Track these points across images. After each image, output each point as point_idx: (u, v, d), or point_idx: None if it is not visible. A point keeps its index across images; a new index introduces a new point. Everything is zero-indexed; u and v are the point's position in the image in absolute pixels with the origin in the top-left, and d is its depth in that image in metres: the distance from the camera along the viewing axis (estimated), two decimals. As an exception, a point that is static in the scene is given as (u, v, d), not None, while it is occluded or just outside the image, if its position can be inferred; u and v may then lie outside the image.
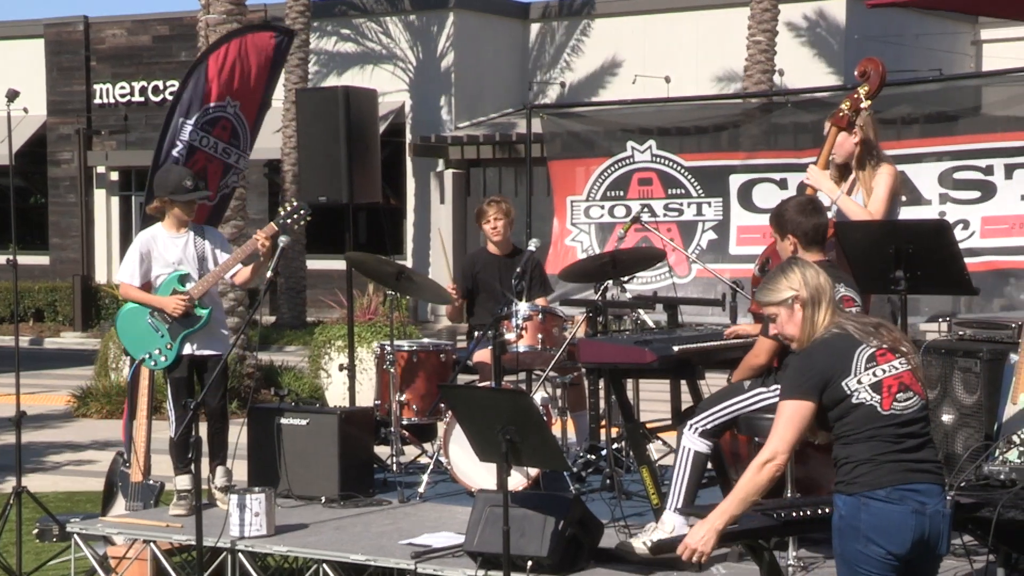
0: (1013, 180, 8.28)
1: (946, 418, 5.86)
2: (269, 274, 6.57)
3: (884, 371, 4.14)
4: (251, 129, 7.58)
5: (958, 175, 8.53)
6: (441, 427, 6.99)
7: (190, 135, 7.32)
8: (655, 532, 5.39)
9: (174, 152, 7.33)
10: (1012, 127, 8.44)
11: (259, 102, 7.60)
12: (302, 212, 6.74)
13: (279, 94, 20.98)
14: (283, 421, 6.79)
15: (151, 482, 6.89)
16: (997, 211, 8.34)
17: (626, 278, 7.28)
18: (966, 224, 8.39)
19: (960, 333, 6.10)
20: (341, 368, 8.33)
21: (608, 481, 6.60)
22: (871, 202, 6.13)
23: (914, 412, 4.13)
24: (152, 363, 6.65)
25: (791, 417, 4.12)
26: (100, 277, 24.47)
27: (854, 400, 4.10)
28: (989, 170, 8.36)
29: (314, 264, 20.93)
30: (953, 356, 5.88)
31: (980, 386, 5.74)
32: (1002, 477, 5.06)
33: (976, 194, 8.43)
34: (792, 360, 4.31)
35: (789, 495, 5.10)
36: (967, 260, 5.97)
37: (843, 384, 4.11)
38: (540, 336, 6.98)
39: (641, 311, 7.29)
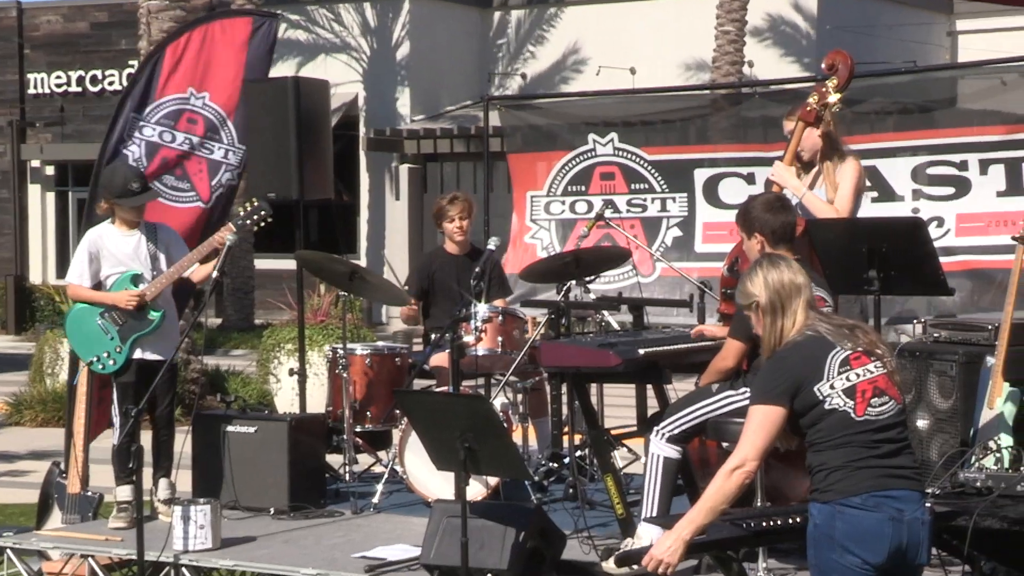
0: (988, 176, 8.33)
1: (921, 423, 5.90)
2: (215, 274, 6.54)
3: (858, 375, 4.16)
4: (232, 121, 7.53)
5: (932, 170, 8.59)
6: (396, 434, 6.98)
7: (149, 131, 7.27)
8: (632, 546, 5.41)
9: (125, 149, 7.28)
10: (988, 121, 8.49)
11: (236, 92, 7.55)
12: (263, 213, 6.72)
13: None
14: (229, 429, 6.76)
15: (89, 493, 6.83)
16: (972, 208, 8.41)
17: (590, 278, 7.29)
18: (940, 222, 8.45)
19: (935, 335, 6.15)
20: (291, 373, 8.29)
21: (571, 490, 6.60)
22: (837, 199, 6.17)
23: (889, 417, 4.15)
24: (100, 366, 6.63)
25: (761, 423, 4.14)
26: (35, 277, 24.24)
27: (827, 406, 4.12)
28: (963, 165, 8.42)
29: (262, 263, 20.82)
30: (928, 359, 5.92)
31: (956, 390, 5.79)
32: (978, 484, 5.10)
33: (950, 190, 8.49)
34: (763, 364, 4.33)
35: (759, 504, 5.12)
36: (942, 259, 6.02)
37: (815, 389, 4.13)
38: (500, 339, 6.97)
39: (605, 312, 7.30)
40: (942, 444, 5.81)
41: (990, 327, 5.88)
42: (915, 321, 6.48)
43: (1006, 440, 5.38)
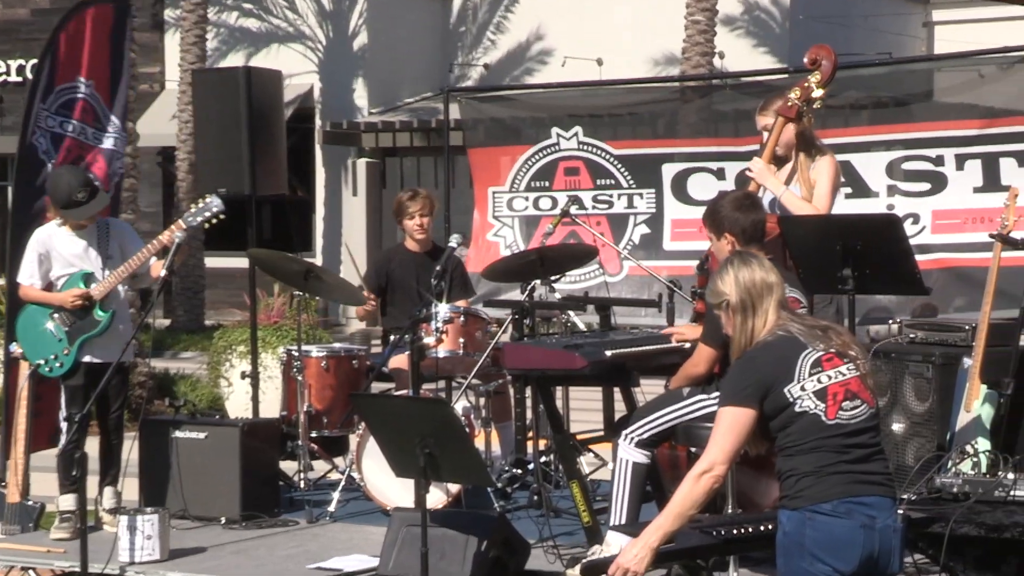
0: (965, 171, 8.39)
1: (896, 427, 5.94)
2: (163, 273, 6.51)
3: (830, 377, 4.17)
4: (109, 108, 7.49)
5: (907, 165, 8.64)
6: (354, 440, 6.96)
7: (51, 122, 7.25)
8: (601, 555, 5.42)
9: (33, 139, 7.25)
10: (964, 114, 8.55)
11: (108, 79, 7.51)
12: (214, 210, 6.70)
13: (174, 75, 20.80)
14: (179, 434, 6.74)
15: (30, 502, 6.78)
16: (949, 204, 8.47)
17: (554, 277, 7.30)
18: (916, 218, 8.50)
19: (911, 336, 6.19)
20: (243, 376, 8.26)
21: (535, 497, 6.61)
22: (816, 197, 6.21)
23: (861, 422, 4.17)
24: (48, 369, 6.60)
25: (731, 425, 4.15)
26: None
27: (797, 408, 4.13)
28: (939, 160, 8.48)
29: (213, 262, 20.71)
30: (904, 361, 5.96)
31: (932, 393, 5.83)
32: (955, 490, 5.14)
33: (926, 186, 8.54)
34: (733, 364, 4.34)
35: (729, 511, 5.14)
36: (918, 257, 6.05)
37: (785, 391, 4.14)
38: (462, 340, 6.97)
39: (571, 313, 7.31)
40: (918, 448, 5.85)
41: (967, 327, 5.92)
42: (890, 321, 6.53)
43: (983, 444, 5.43)
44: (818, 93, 6.15)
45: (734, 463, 4.21)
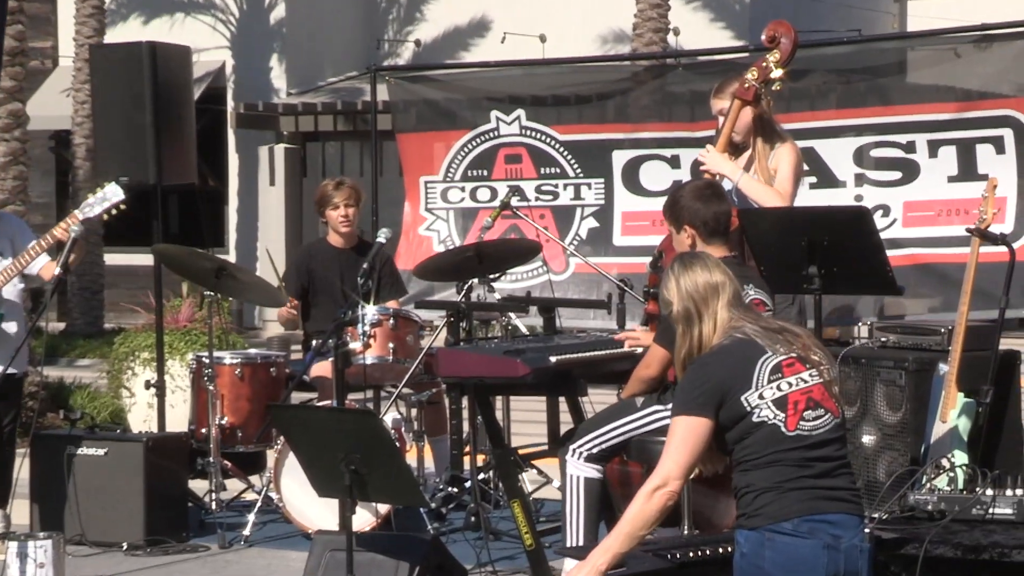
0: (938, 159, 8.46)
1: (866, 439, 5.99)
2: (58, 271, 6.45)
3: (790, 384, 4.21)
4: None
5: (877, 152, 8.71)
6: (271, 456, 6.94)
7: None
8: None
9: None
10: (939, 97, 8.63)
11: None
12: (115, 200, 6.65)
13: (69, 50, 20.60)
14: (75, 451, 6.70)
15: (-91, 529, 6.69)
16: (921, 195, 8.53)
17: (494, 275, 7.31)
18: (886, 210, 8.57)
19: (883, 340, 6.25)
20: (148, 385, 8.21)
21: (473, 518, 6.62)
22: (778, 181, 6.28)
23: (825, 432, 4.21)
24: None
25: (685, 436, 4.17)
26: None
27: (755, 418, 4.17)
28: (911, 147, 8.53)
29: (114, 259, 20.53)
30: (874, 367, 6.02)
31: (905, 401, 5.89)
32: (929, 508, 5.19)
33: (897, 175, 8.61)
34: (686, 370, 4.37)
35: (685, 532, 5.17)
36: (888, 253, 6.12)
37: (742, 399, 4.18)
38: (391, 345, 6.98)
39: (512, 315, 7.33)
40: (890, 462, 5.91)
41: (943, 330, 5.98)
42: (860, 324, 6.58)
43: (960, 457, 5.48)
44: (777, 73, 6.19)
45: (689, 478, 4.24)
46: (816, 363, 4.27)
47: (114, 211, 6.68)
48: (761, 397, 4.18)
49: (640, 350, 5.78)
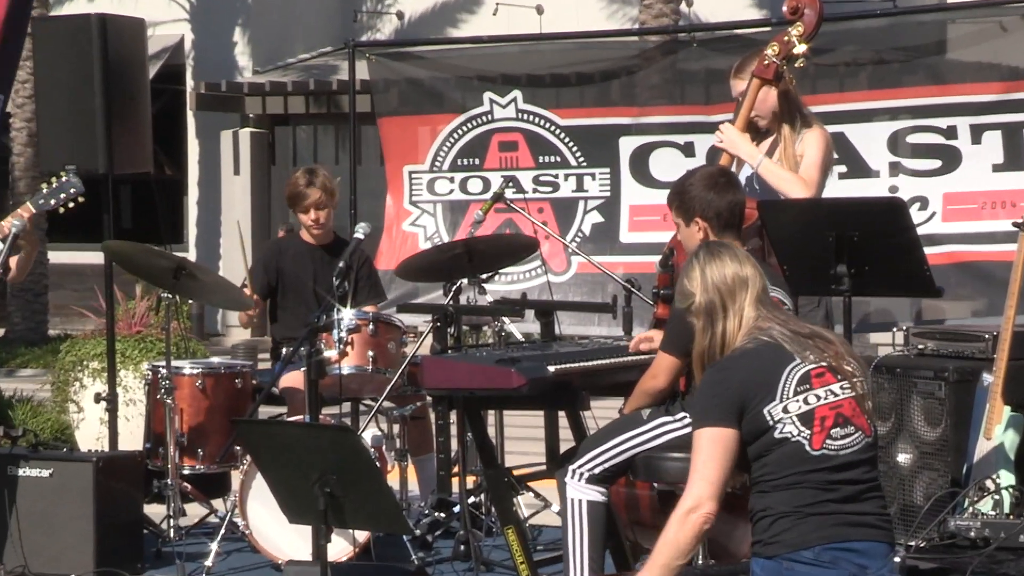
0: (982, 145, 8.48)
1: (902, 458, 6.01)
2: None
3: (819, 398, 4.24)
4: None
5: (914, 138, 8.73)
6: (237, 477, 6.94)
7: None
8: None
9: None
10: (982, 76, 8.65)
11: None
12: (72, 192, 6.65)
13: None
14: (16, 472, 6.69)
15: None
16: (962, 186, 8.55)
17: (486, 275, 7.32)
18: (924, 203, 8.59)
19: (920, 347, 6.27)
20: (98, 399, 8.21)
21: (462, 547, 6.62)
22: (803, 167, 6.30)
23: (853, 453, 4.24)
24: None
25: (711, 450, 4.20)
26: None
27: (777, 434, 4.20)
28: (951, 132, 8.55)
29: (59, 257, 20.53)
30: (910, 377, 6.04)
31: (945, 416, 5.91)
32: (972, 534, 5.21)
33: (936, 163, 8.63)
34: (704, 375, 4.38)
35: (700, 563, 5.19)
36: (927, 250, 6.13)
37: (765, 412, 4.21)
38: (371, 353, 6.99)
39: (506, 319, 7.34)
40: (928, 484, 5.93)
41: (987, 336, 6.00)
42: (895, 329, 6.60)
43: (1007, 478, 5.50)
44: (800, 48, 6.22)
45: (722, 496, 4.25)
46: (849, 374, 4.28)
47: (70, 204, 6.69)
48: (786, 411, 4.21)
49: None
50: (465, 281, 7.18)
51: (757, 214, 5.88)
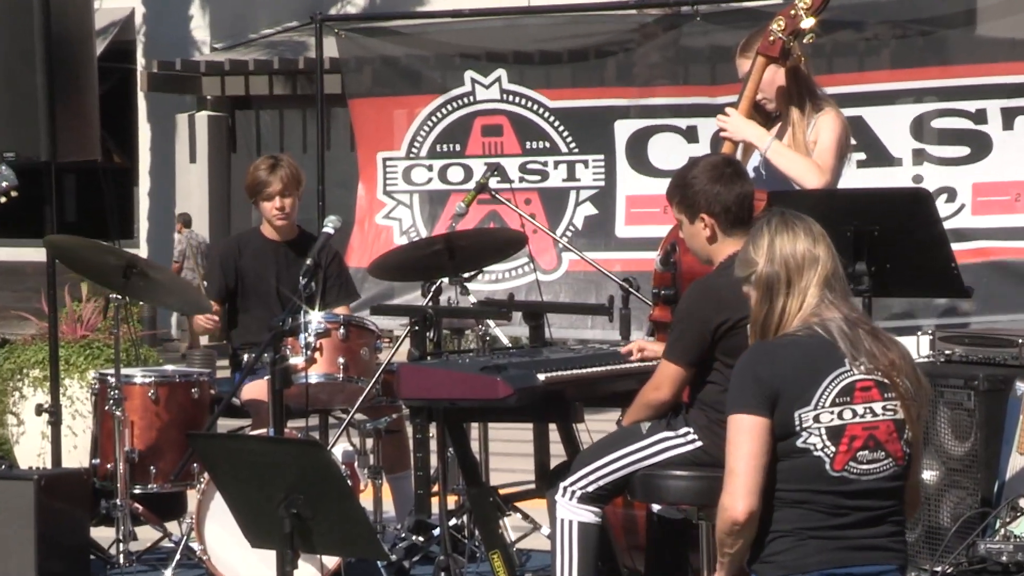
0: (1015, 131, 8.48)
1: (927, 475, 6.01)
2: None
3: (855, 414, 4.26)
4: None
5: (940, 123, 8.73)
6: (193, 498, 6.94)
7: None
8: None
9: None
10: (1016, 54, 8.65)
11: None
12: (4, 185, 6.63)
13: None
14: (-50, 492, 6.67)
15: None
16: (994, 175, 8.56)
17: (468, 274, 7.31)
18: (952, 194, 8.60)
19: (946, 353, 6.28)
20: (40, 411, 8.19)
21: (443, 574, 6.62)
22: (818, 151, 6.31)
23: (876, 480, 4.28)
24: None
25: (743, 439, 4.25)
26: None
27: (799, 442, 4.24)
28: (981, 116, 8.55)
29: (-4, 253, 20.50)
30: (936, 386, 6.04)
31: (974, 428, 5.91)
32: (1004, 559, 5.23)
33: (964, 151, 8.64)
34: (745, 355, 4.41)
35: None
36: (954, 246, 6.14)
37: (796, 414, 4.25)
38: (341, 360, 6.99)
39: (491, 322, 7.33)
40: (956, 504, 5.93)
41: (1020, 340, 6.01)
42: (919, 333, 6.60)
43: (1043, 497, 5.52)
44: (808, 23, 6.22)
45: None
46: (899, 394, 4.30)
47: (2, 199, 6.68)
48: (817, 420, 4.24)
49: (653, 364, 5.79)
50: (446, 280, 7.17)
51: (765, 205, 5.87)
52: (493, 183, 7.97)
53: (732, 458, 4.29)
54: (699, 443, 5.38)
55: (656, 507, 5.90)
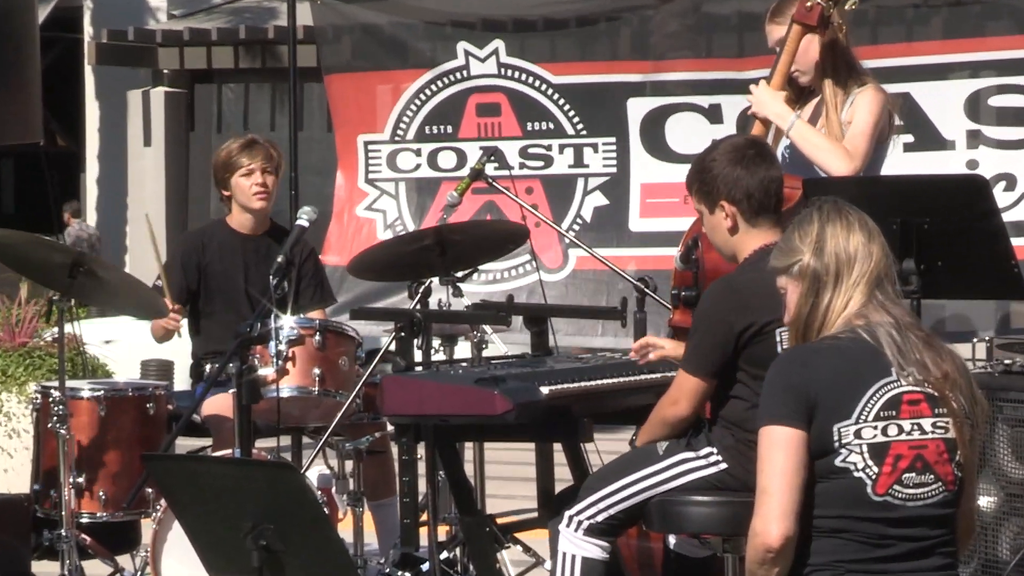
0: None
1: (984, 502, 6.02)
2: None
3: (901, 430, 4.28)
4: None
5: (997, 100, 8.74)
6: (148, 527, 6.94)
7: None
8: None
9: None
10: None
11: None
12: None
13: None
14: None
15: None
16: None
17: (462, 273, 7.32)
18: (1011, 181, 8.62)
19: (1006, 363, 6.28)
20: (-26, 428, 8.20)
21: (433, 614, 6.64)
22: (850, 135, 6.35)
23: (923, 507, 4.29)
24: None
25: (777, 454, 4.25)
26: None
27: (838, 461, 4.26)
28: None
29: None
30: (995, 400, 6.04)
31: (1037, 448, 5.93)
32: (1072, 595, 5.24)
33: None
34: (779, 360, 4.43)
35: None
36: (1014, 241, 6.16)
37: (835, 428, 4.26)
38: (317, 372, 7.00)
39: (488, 328, 7.34)
40: (1016, 533, 5.94)
41: (1088, 350, 6.03)
42: (975, 340, 6.61)
43: (1115, 526, 5.53)
44: None
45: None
46: (952, 410, 4.31)
47: None
48: (858, 436, 4.25)
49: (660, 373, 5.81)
50: (436, 280, 7.17)
51: (800, 194, 5.89)
52: (490, 170, 7.98)
53: (764, 475, 4.29)
54: (724, 465, 5.39)
55: (673, 541, 5.91)
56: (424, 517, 6.89)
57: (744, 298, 5.25)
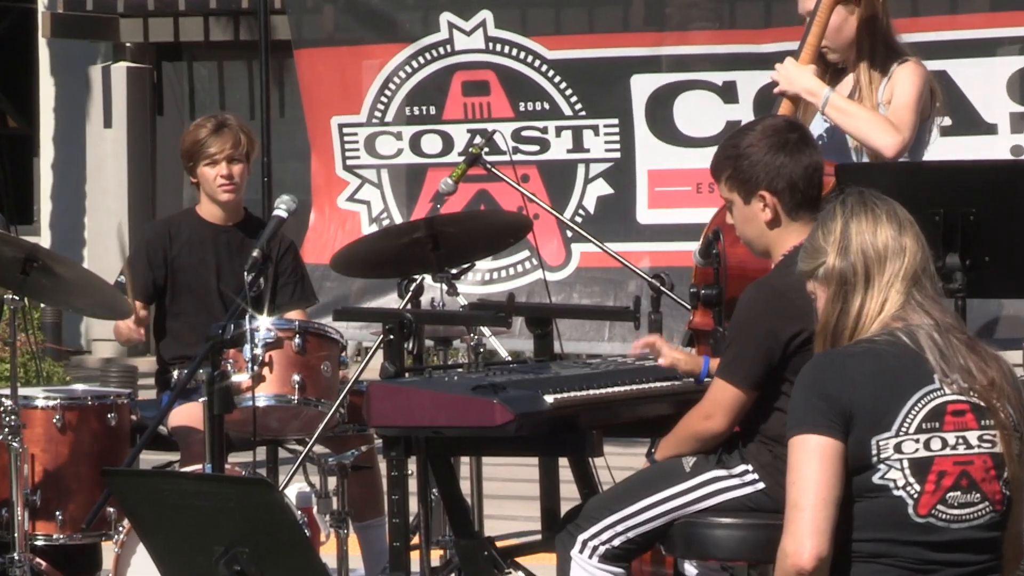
0: None
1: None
2: None
3: (945, 443, 4.25)
4: None
5: (1045, 80, 8.77)
6: (110, 550, 6.93)
7: None
8: None
9: None
10: None
11: None
12: None
13: None
14: None
15: None
16: None
17: (456, 269, 7.28)
18: (1062, 168, 8.64)
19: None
20: (-83, 441, 8.17)
21: (425, 647, 6.60)
22: (894, 108, 6.38)
23: (970, 529, 4.28)
24: None
25: (811, 465, 4.23)
26: None
27: (876, 478, 4.25)
28: None
29: None
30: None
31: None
32: None
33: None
34: (809, 365, 4.40)
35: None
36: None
37: (873, 441, 4.25)
38: (297, 378, 7.00)
39: (486, 330, 7.31)
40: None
41: None
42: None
43: None
44: None
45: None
46: (1000, 421, 4.29)
47: None
48: (899, 450, 4.23)
49: (677, 382, 5.75)
50: (428, 277, 7.13)
51: (833, 182, 5.86)
52: (486, 156, 7.94)
53: (795, 488, 4.27)
54: (760, 484, 5.40)
55: (689, 570, 5.88)
56: (415, 540, 6.87)
57: (791, 302, 5.18)
